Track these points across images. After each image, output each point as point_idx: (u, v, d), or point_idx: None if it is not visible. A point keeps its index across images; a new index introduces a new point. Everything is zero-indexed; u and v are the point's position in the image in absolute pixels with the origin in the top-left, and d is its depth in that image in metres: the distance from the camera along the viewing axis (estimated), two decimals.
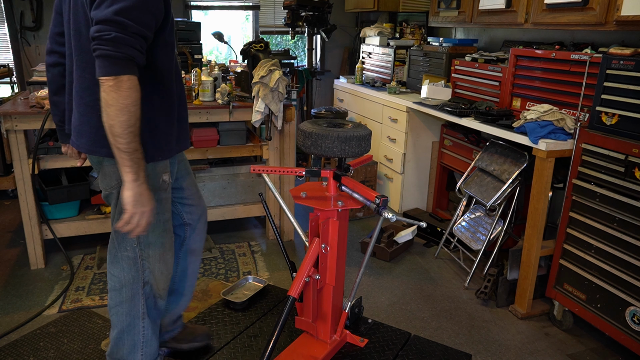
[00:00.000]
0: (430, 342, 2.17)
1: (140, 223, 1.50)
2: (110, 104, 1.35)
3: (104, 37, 1.30)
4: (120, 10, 1.29)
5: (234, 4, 5.39)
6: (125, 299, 1.75)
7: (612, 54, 2.26)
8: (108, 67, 1.32)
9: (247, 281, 2.63)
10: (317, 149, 1.83)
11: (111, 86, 1.33)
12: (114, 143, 1.40)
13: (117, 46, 1.31)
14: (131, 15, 1.31)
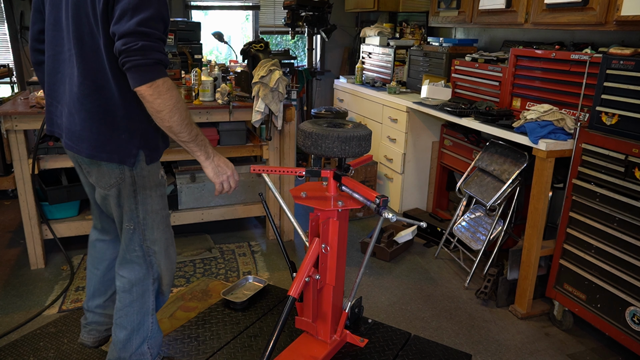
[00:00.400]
0: (430, 342, 2.17)
1: (230, 186, 1.68)
2: (159, 109, 1.41)
3: (132, 48, 1.35)
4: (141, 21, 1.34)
5: (234, 4, 5.40)
6: (136, 297, 1.79)
7: (612, 54, 2.26)
8: (142, 75, 1.37)
9: (247, 281, 2.63)
10: (317, 149, 1.83)
11: (151, 94, 1.38)
12: (178, 139, 1.50)
13: (145, 53, 1.36)
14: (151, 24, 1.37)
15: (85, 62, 1.50)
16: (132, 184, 1.65)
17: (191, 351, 2.09)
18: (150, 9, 1.37)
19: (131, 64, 1.36)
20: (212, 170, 1.62)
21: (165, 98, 1.41)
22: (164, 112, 1.42)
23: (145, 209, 1.71)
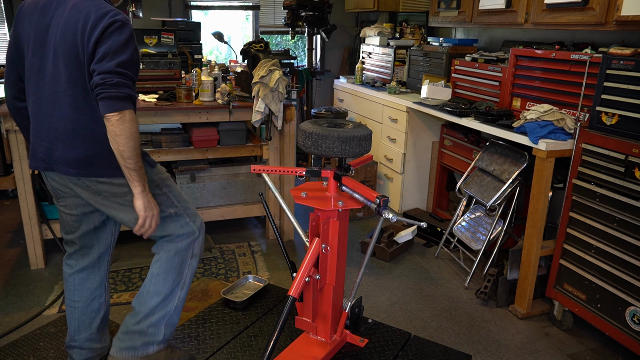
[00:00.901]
0: (430, 343, 2.18)
1: (152, 224, 1.78)
2: (119, 134, 1.64)
3: (108, 83, 1.62)
4: (119, 63, 1.64)
5: (234, 4, 5.40)
6: (176, 264, 1.91)
7: (612, 54, 2.26)
8: (113, 105, 1.63)
9: (248, 280, 2.63)
10: (317, 149, 1.83)
11: (117, 120, 1.63)
12: (125, 164, 1.68)
13: (119, 88, 1.63)
14: (126, 65, 1.66)
15: (82, 100, 1.73)
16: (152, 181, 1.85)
17: (191, 350, 2.09)
18: (126, 54, 1.66)
19: (105, 94, 1.62)
20: (142, 204, 1.74)
21: (127, 126, 1.65)
22: (122, 137, 1.65)
23: (174, 194, 1.92)
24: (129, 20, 1.76)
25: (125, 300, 2.74)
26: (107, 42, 1.64)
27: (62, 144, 1.77)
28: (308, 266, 1.80)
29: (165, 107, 3.01)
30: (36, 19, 1.75)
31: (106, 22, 1.64)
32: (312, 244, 1.84)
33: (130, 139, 1.66)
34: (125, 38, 1.67)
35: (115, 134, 1.65)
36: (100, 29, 1.64)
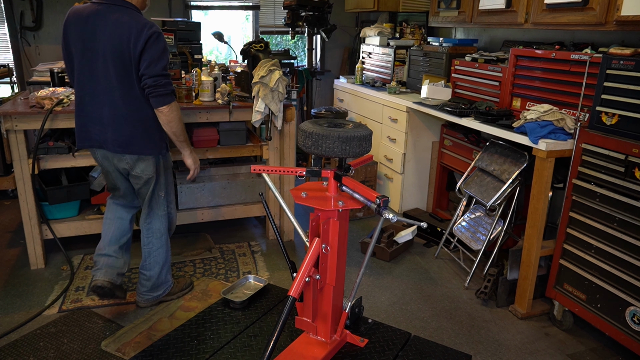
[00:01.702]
0: (430, 343, 2.17)
1: (197, 172, 2.62)
2: (171, 120, 2.33)
3: (160, 84, 2.23)
4: (164, 67, 2.23)
5: (234, 4, 5.40)
6: (164, 242, 2.62)
7: (612, 54, 2.26)
8: (164, 100, 2.26)
9: (248, 280, 2.63)
10: (317, 149, 1.83)
11: (169, 111, 2.30)
12: (177, 139, 2.42)
13: (166, 87, 2.25)
14: (167, 68, 2.25)
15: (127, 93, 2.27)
16: (163, 167, 2.49)
17: (191, 350, 2.09)
18: (165, 59, 2.25)
19: (158, 92, 2.24)
20: (192, 160, 2.56)
21: (175, 114, 2.33)
22: (173, 123, 2.35)
23: (167, 182, 2.56)
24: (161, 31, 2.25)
25: (125, 300, 2.74)
26: (150, 51, 2.19)
27: (111, 127, 2.31)
28: (308, 266, 1.80)
29: None
30: (81, 28, 2.23)
31: (147, 34, 2.17)
32: (312, 244, 1.84)
33: (179, 122, 2.36)
34: (163, 46, 2.22)
35: (168, 121, 2.32)
36: (143, 40, 2.16)
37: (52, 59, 4.68)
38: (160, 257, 2.62)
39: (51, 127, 2.86)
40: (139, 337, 2.41)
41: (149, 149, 2.37)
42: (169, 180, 2.58)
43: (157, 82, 2.21)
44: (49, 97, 2.84)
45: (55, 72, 3.61)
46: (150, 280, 2.62)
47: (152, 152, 2.38)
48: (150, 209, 2.56)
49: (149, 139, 2.36)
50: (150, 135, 2.36)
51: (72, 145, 2.99)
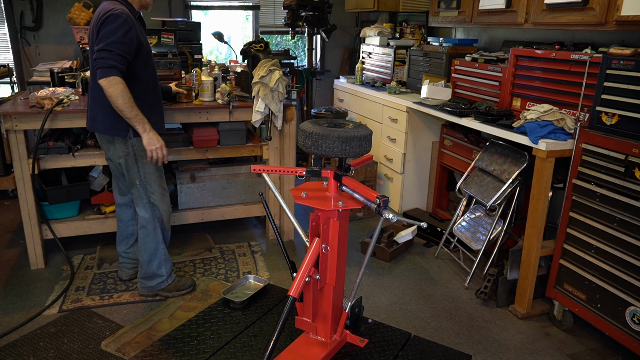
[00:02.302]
0: (430, 343, 2.17)
1: (159, 155, 2.44)
2: (111, 94, 2.27)
3: (100, 57, 2.25)
4: (109, 43, 2.25)
5: (234, 4, 5.40)
6: (150, 231, 2.64)
7: (612, 54, 2.26)
8: (102, 73, 2.25)
9: (248, 280, 2.62)
10: (317, 149, 1.83)
11: (107, 85, 2.25)
12: (124, 115, 2.32)
13: (106, 60, 2.24)
14: (113, 44, 2.25)
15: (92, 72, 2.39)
16: (134, 153, 2.50)
17: (191, 350, 2.09)
18: (113, 36, 2.25)
19: (98, 65, 2.26)
20: (146, 139, 2.39)
21: (114, 90, 2.25)
22: (113, 97, 2.27)
23: (143, 170, 2.55)
24: (123, 15, 2.28)
25: (125, 300, 2.74)
26: (103, 30, 2.26)
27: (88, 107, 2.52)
28: (308, 266, 1.80)
29: (165, 107, 3.00)
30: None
31: (104, 17, 2.27)
32: (312, 244, 1.83)
33: (120, 98, 2.26)
34: (116, 26, 2.25)
35: (109, 95, 2.27)
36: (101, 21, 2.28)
37: (52, 59, 4.69)
38: (147, 246, 2.65)
39: (51, 127, 2.86)
40: (139, 337, 2.41)
41: (113, 129, 2.43)
42: (146, 169, 2.55)
43: (98, 55, 2.24)
44: (49, 97, 2.84)
45: (55, 72, 3.61)
46: (142, 268, 2.71)
47: (115, 132, 2.43)
48: (132, 196, 2.65)
49: (110, 119, 2.40)
50: (112, 115, 2.38)
51: (72, 145, 2.99)
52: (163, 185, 2.66)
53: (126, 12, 2.33)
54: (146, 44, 2.46)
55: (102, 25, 2.26)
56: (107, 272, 3.03)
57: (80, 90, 3.34)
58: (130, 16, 2.34)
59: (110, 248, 3.34)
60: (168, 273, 2.75)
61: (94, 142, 3.09)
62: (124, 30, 2.27)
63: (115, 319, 2.57)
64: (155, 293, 2.76)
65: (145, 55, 2.45)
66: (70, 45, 4.79)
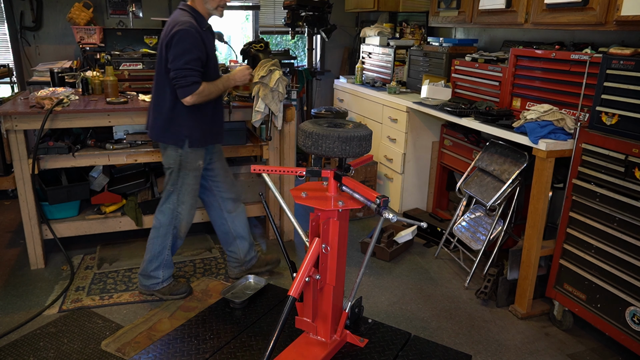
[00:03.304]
0: (430, 343, 2.17)
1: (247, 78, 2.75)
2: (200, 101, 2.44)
3: (180, 76, 2.37)
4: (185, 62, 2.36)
5: (234, 4, 5.40)
6: (161, 234, 2.68)
7: (612, 54, 2.26)
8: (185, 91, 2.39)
9: (248, 280, 2.62)
10: (317, 149, 1.83)
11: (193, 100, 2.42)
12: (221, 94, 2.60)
13: (187, 79, 2.37)
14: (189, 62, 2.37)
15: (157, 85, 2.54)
16: (180, 164, 2.58)
17: (191, 350, 2.09)
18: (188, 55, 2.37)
19: (179, 85, 2.39)
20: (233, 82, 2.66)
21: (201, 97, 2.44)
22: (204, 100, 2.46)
23: (182, 181, 2.62)
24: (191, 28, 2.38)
25: (125, 300, 2.74)
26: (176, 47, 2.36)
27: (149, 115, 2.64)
28: (308, 266, 1.80)
29: None
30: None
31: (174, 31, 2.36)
32: (312, 244, 1.84)
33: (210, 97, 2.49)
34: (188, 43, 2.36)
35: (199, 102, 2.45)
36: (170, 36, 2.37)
37: (52, 59, 4.68)
38: (153, 247, 2.68)
39: (51, 127, 2.86)
40: (139, 337, 2.41)
41: (166, 137, 2.55)
42: (186, 181, 2.62)
43: (178, 74, 2.37)
44: (49, 97, 2.84)
45: (55, 72, 3.61)
46: (143, 265, 2.73)
47: (170, 140, 2.54)
48: (162, 199, 2.67)
49: (166, 129, 2.53)
50: (168, 126, 2.52)
51: (72, 145, 3.00)
52: (195, 198, 2.72)
53: (194, 25, 2.40)
54: (212, 56, 2.53)
55: (173, 43, 2.35)
56: (107, 272, 3.03)
57: (80, 90, 3.34)
58: (197, 29, 2.41)
59: (110, 248, 3.34)
60: (165, 277, 2.76)
61: (93, 142, 3.09)
62: (195, 47, 2.38)
63: (115, 319, 2.57)
64: (151, 292, 2.77)
65: (210, 67, 2.52)
66: (70, 45, 4.79)
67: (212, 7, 2.50)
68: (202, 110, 2.54)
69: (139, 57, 3.46)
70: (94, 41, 4.34)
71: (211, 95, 2.47)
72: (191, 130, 2.53)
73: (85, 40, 4.35)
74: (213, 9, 2.50)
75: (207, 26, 2.55)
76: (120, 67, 3.40)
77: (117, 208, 3.31)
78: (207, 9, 2.50)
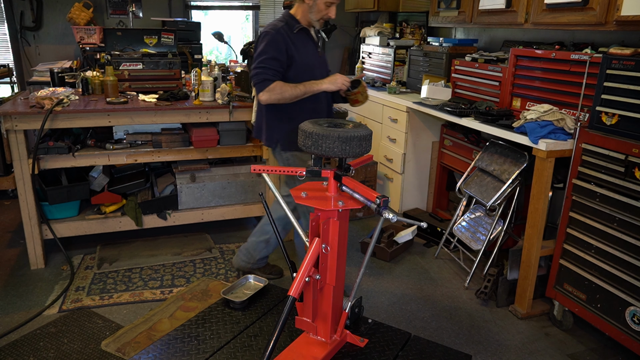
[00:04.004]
0: (430, 343, 2.17)
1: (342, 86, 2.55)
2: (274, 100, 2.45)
3: (253, 74, 2.46)
4: (260, 61, 2.43)
5: (234, 4, 5.40)
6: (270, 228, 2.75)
7: (612, 54, 2.26)
8: (258, 88, 2.45)
9: (248, 280, 2.62)
10: (317, 149, 1.83)
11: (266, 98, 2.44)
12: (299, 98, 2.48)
13: (258, 77, 2.43)
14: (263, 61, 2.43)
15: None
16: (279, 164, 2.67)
17: (191, 350, 2.09)
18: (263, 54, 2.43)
19: (253, 83, 2.48)
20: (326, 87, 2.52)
21: (273, 95, 2.43)
22: (280, 101, 2.45)
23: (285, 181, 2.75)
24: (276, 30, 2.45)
25: (125, 300, 2.74)
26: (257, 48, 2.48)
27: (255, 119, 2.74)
28: (308, 266, 1.80)
29: (165, 107, 3.01)
30: None
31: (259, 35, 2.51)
32: (312, 244, 1.84)
33: (285, 96, 2.44)
34: (265, 42, 2.43)
35: (274, 102, 2.45)
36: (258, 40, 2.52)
37: (52, 59, 4.69)
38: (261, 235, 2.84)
39: (51, 127, 2.86)
40: (139, 337, 2.41)
41: (262, 137, 2.67)
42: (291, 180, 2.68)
43: (252, 73, 2.47)
44: (49, 97, 2.84)
45: (55, 72, 3.61)
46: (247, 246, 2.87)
47: (266, 142, 2.64)
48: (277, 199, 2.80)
49: (262, 129, 2.64)
50: (263, 127, 2.62)
51: (72, 145, 3.00)
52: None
53: (278, 28, 2.46)
54: (301, 59, 2.52)
55: (257, 45, 2.49)
56: (107, 272, 3.03)
57: (80, 90, 3.34)
58: (282, 32, 2.45)
59: (110, 248, 3.34)
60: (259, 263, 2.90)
61: (93, 142, 3.10)
62: (270, 46, 2.43)
63: (115, 319, 2.57)
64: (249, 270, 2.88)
65: (297, 69, 2.51)
66: (70, 45, 4.79)
67: (316, 18, 2.53)
68: (288, 113, 2.54)
69: (139, 57, 3.46)
70: (94, 41, 4.35)
71: (285, 95, 2.44)
72: (281, 133, 2.56)
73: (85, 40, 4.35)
74: (316, 20, 2.54)
75: (300, 28, 2.54)
76: (120, 67, 3.40)
77: (117, 208, 3.31)
78: (310, 19, 2.54)
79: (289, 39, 2.48)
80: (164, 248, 3.37)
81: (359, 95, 2.63)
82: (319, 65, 2.68)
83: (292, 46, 2.49)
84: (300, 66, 2.52)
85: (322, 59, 2.75)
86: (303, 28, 2.56)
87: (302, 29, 2.56)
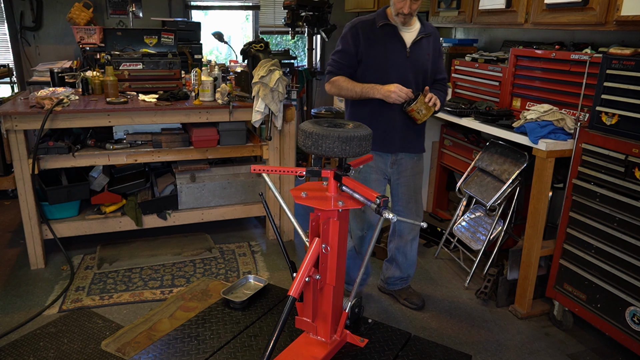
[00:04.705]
0: (430, 343, 2.17)
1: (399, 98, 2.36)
2: (336, 94, 2.53)
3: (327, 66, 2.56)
4: (332, 54, 2.51)
5: (234, 4, 5.40)
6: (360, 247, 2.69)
7: (612, 54, 2.26)
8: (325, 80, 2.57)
9: (248, 280, 2.62)
10: (317, 149, 1.83)
11: (327, 90, 2.55)
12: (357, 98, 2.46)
13: (326, 69, 2.54)
14: (334, 55, 2.50)
15: None
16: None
17: (191, 350, 2.09)
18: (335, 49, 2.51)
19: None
20: (383, 95, 2.38)
21: (332, 87, 2.51)
22: (340, 95, 2.51)
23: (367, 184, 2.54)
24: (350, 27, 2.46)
25: (125, 300, 2.74)
26: None
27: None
28: (308, 266, 1.80)
29: (165, 107, 3.01)
30: None
31: None
32: (312, 244, 1.83)
33: (342, 91, 2.47)
34: (340, 38, 2.50)
35: (336, 95, 2.55)
36: None
37: (52, 59, 4.69)
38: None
39: (51, 127, 2.86)
40: (139, 337, 2.41)
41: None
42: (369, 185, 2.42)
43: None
44: (49, 97, 2.84)
45: (55, 72, 3.61)
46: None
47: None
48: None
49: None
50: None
51: (72, 145, 3.00)
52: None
53: (355, 22, 2.46)
54: (372, 57, 2.42)
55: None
56: (107, 272, 3.03)
57: (80, 90, 3.34)
58: (356, 26, 2.44)
59: (110, 248, 3.34)
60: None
61: (93, 142, 3.10)
62: (342, 41, 2.47)
63: (115, 319, 2.57)
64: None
65: (365, 68, 2.44)
66: (70, 45, 4.79)
67: (394, 13, 2.40)
68: (361, 108, 2.51)
69: (139, 57, 3.46)
70: (94, 41, 4.35)
71: (342, 92, 2.47)
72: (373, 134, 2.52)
73: (85, 40, 4.35)
74: (395, 15, 2.40)
75: (383, 24, 2.41)
76: (120, 67, 3.40)
77: (117, 208, 3.31)
78: (392, 14, 2.43)
79: (366, 34, 2.41)
80: (164, 248, 3.37)
81: (414, 112, 2.38)
82: (402, 67, 2.44)
83: (366, 42, 2.41)
84: (368, 65, 2.44)
85: (412, 60, 2.45)
86: (387, 24, 2.42)
87: (387, 25, 2.42)
